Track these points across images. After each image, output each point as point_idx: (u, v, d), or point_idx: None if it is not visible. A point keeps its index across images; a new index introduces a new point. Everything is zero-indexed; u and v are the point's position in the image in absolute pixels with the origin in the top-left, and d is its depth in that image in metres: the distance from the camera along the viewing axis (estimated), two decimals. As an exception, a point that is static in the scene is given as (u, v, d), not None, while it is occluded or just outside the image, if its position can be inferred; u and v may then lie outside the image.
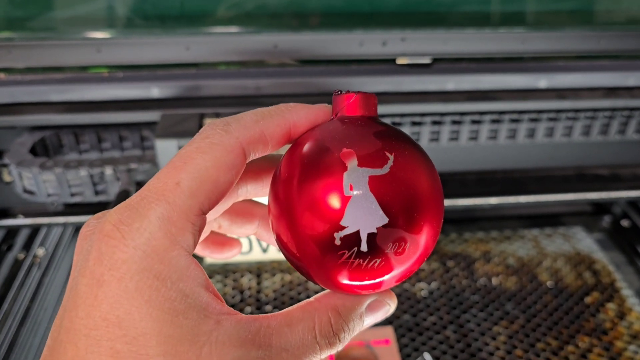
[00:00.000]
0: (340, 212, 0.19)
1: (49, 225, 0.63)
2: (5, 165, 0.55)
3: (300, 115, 0.21)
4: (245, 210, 0.27)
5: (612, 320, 0.67)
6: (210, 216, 0.22)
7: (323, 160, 0.20)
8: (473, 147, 0.62)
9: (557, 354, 0.62)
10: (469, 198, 0.63)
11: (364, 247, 0.19)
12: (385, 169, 0.19)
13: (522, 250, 0.78)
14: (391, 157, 0.20)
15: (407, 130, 0.59)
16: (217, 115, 0.54)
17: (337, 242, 0.19)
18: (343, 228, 0.19)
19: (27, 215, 0.60)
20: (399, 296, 0.70)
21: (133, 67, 0.55)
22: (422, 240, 0.20)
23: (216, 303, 0.19)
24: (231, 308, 0.20)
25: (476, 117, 0.59)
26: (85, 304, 0.18)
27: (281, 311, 0.20)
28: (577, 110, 0.60)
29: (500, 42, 0.57)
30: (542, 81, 0.59)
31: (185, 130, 0.50)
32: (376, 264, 0.19)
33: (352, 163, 0.19)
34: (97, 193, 0.51)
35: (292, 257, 0.21)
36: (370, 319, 0.22)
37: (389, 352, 0.58)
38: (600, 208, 0.87)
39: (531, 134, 0.62)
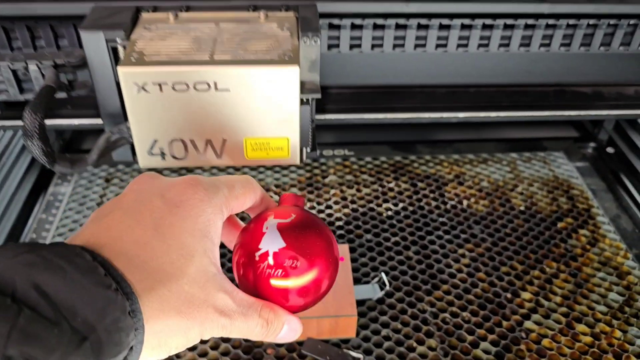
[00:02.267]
0: (259, 241, 0.31)
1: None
2: None
3: (257, 197, 0.33)
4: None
5: (584, 247, 0.64)
6: None
7: (260, 217, 0.33)
8: (441, 56, 0.57)
9: (520, 279, 0.60)
10: (437, 112, 0.59)
11: (270, 261, 0.30)
12: (288, 220, 0.32)
13: (497, 174, 0.75)
14: (294, 215, 0.32)
15: (371, 33, 0.54)
16: (155, 9, 0.49)
17: (256, 258, 0.30)
18: (259, 249, 0.31)
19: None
20: (363, 215, 0.67)
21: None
22: (310, 263, 0.31)
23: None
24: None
25: (445, 21, 0.53)
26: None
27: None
28: (557, 16, 0.54)
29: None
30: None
31: (115, 23, 0.45)
32: (279, 274, 0.30)
33: (271, 217, 0.32)
34: (22, 91, 0.47)
35: (237, 275, 0.32)
36: (285, 330, 0.31)
37: (341, 268, 0.55)
38: (586, 135, 0.83)
39: (506, 42, 0.57)
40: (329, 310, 0.51)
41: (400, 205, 0.69)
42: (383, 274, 0.58)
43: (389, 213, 0.68)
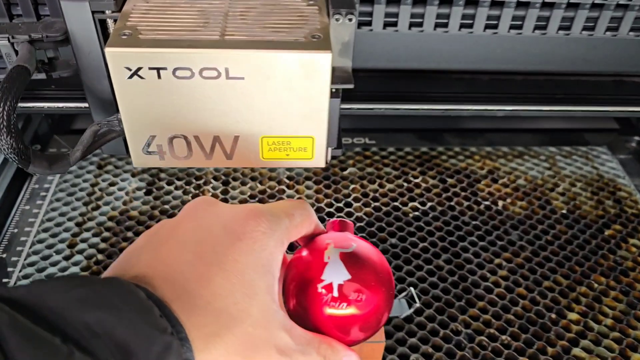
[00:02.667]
0: (322, 271, 0.30)
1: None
2: None
3: (311, 227, 0.32)
4: None
5: (635, 259, 0.57)
6: None
7: (317, 244, 0.32)
8: (489, 39, 0.49)
9: (566, 296, 0.53)
10: (478, 104, 0.51)
11: (335, 293, 0.29)
12: (350, 249, 0.31)
13: (535, 171, 0.67)
14: (354, 244, 0.32)
15: (410, 9, 0.46)
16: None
17: (319, 289, 0.29)
18: (323, 281, 0.30)
19: None
20: (386, 215, 0.60)
21: None
22: (375, 296, 0.30)
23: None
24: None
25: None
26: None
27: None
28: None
29: None
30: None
31: (103, -10, 0.36)
32: (344, 307, 0.29)
33: (331, 245, 0.31)
34: (-8, 70, 0.39)
35: (290, 305, 0.31)
36: None
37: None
38: (628, 126, 0.75)
39: (567, 24, 0.48)
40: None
41: (428, 204, 0.61)
42: (412, 289, 0.51)
43: (416, 214, 0.60)
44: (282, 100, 0.36)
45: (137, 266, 0.25)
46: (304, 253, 0.32)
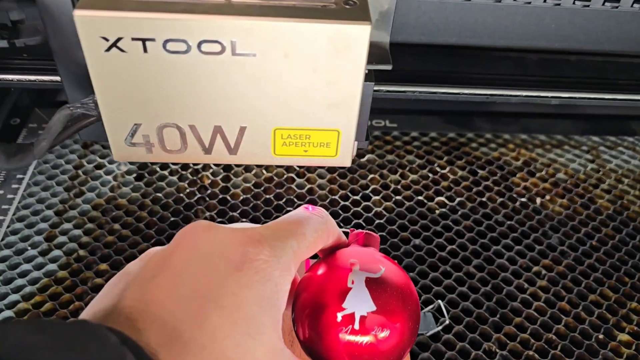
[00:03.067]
0: (343, 298, 0.26)
1: None
2: None
3: (329, 241, 0.29)
4: None
5: (692, 270, 0.50)
6: None
7: (338, 263, 0.28)
8: (547, 11, 0.41)
9: (615, 313, 0.46)
10: (529, 89, 0.43)
11: (356, 326, 0.26)
12: (378, 274, 0.27)
13: (577, 164, 0.59)
14: (383, 268, 0.28)
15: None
16: None
17: (339, 319, 0.26)
18: (344, 309, 0.26)
19: None
20: (409, 211, 0.53)
21: None
22: (400, 331, 0.27)
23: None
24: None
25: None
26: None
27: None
28: None
29: None
30: None
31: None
32: (365, 342, 0.26)
33: (356, 267, 0.27)
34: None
35: (301, 334, 0.28)
36: None
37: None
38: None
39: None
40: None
41: (457, 199, 0.54)
42: (441, 302, 0.44)
43: (443, 210, 0.53)
44: (302, 84, 0.28)
45: (121, 304, 0.22)
46: (322, 271, 0.28)
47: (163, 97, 0.28)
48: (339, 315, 0.26)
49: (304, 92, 0.29)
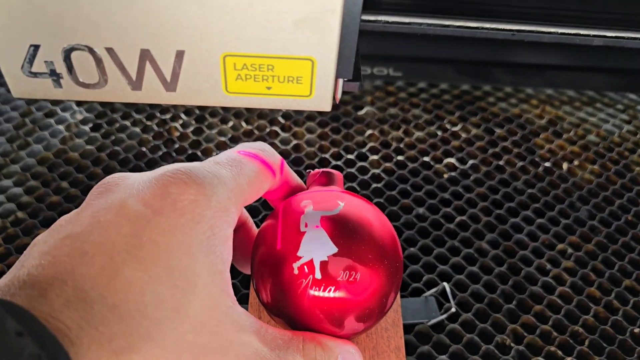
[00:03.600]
0: (296, 246, 0.22)
1: None
2: None
3: (275, 181, 0.24)
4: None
5: None
6: None
7: (290, 208, 0.24)
8: None
9: (655, 302, 0.38)
10: (563, 25, 0.34)
11: (317, 275, 0.22)
12: (335, 211, 0.23)
13: (610, 124, 0.51)
14: (342, 203, 0.23)
15: None
16: None
17: (295, 271, 0.22)
18: (299, 258, 0.22)
19: None
20: (413, 175, 0.44)
21: None
22: (374, 271, 0.22)
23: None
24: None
25: None
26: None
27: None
28: None
29: None
30: None
31: None
32: (331, 291, 0.22)
33: (309, 208, 0.23)
34: None
35: (262, 298, 0.23)
36: None
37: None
38: None
39: None
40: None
41: (469, 162, 0.46)
42: (446, 285, 0.37)
43: (452, 174, 0.45)
44: (261, -9, 0.20)
45: (23, 270, 0.18)
46: (273, 221, 0.24)
47: (72, 9, 0.20)
48: (295, 267, 0.22)
49: (265, 4, 0.20)
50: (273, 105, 0.23)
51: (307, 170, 0.28)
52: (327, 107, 0.23)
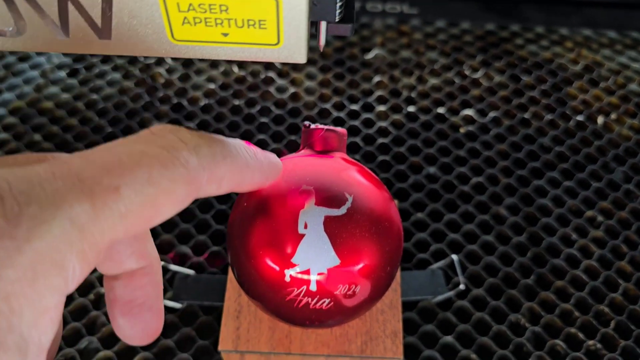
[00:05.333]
0: (293, 250, 0.19)
1: None
2: None
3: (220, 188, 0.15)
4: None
5: None
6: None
7: (282, 195, 0.20)
8: None
9: (695, 279, 0.34)
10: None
11: (313, 287, 0.19)
12: (342, 210, 0.19)
13: (656, 70, 0.45)
14: (350, 198, 0.20)
15: None
16: None
17: (287, 279, 0.19)
18: (294, 266, 0.19)
19: None
20: (425, 128, 0.40)
21: None
22: (374, 284, 0.20)
23: None
24: None
25: None
26: None
27: None
28: None
29: None
30: None
31: None
32: (325, 304, 0.19)
33: (310, 201, 0.20)
34: None
35: (247, 292, 0.21)
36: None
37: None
38: None
39: None
40: (351, 340, 0.26)
41: (490, 115, 0.41)
42: (455, 257, 0.33)
43: (470, 129, 0.40)
44: None
45: None
46: (262, 203, 0.20)
47: None
48: (288, 274, 0.19)
49: None
50: (233, 56, 0.18)
51: (304, 123, 0.24)
52: (300, 58, 0.18)
